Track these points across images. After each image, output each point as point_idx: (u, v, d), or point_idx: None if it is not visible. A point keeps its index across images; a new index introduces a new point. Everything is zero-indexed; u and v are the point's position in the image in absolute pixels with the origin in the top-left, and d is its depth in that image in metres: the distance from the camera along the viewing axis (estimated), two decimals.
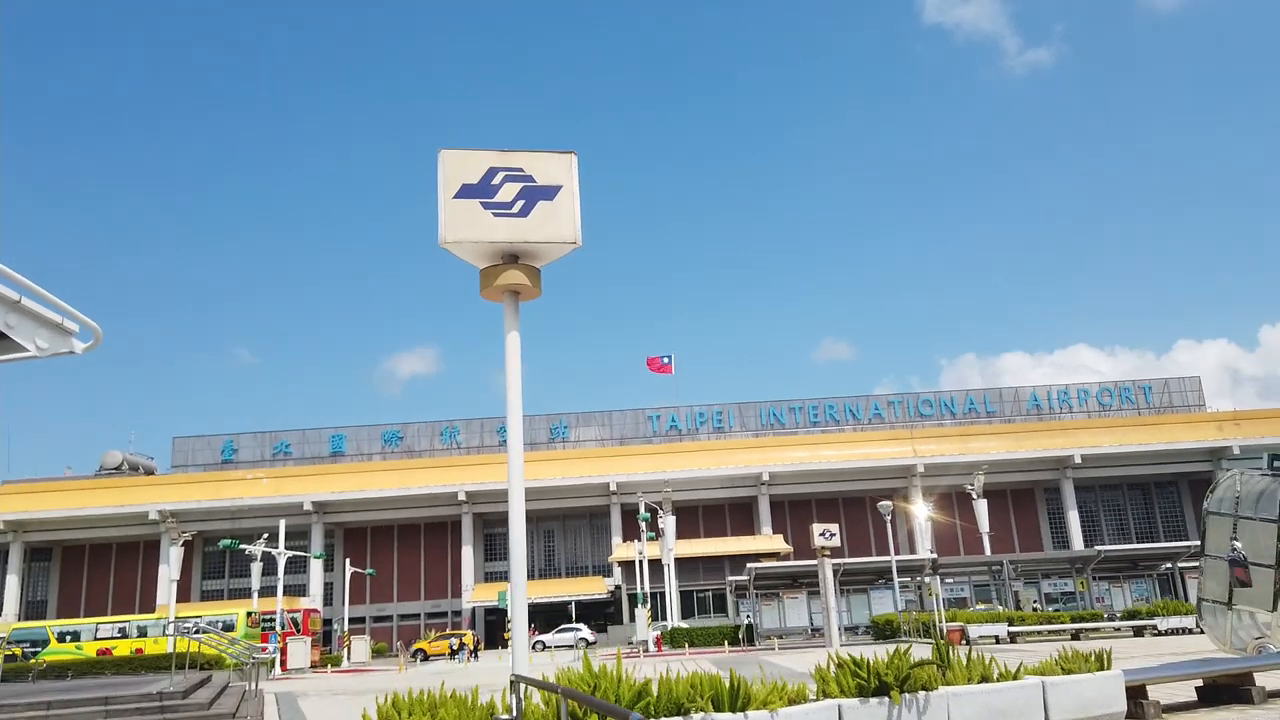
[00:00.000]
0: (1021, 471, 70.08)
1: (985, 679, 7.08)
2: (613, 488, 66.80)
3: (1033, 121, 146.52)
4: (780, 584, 44.89)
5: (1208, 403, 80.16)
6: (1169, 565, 45.00)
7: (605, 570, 68.56)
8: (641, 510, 49.00)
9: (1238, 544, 13.38)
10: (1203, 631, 22.61)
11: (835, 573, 35.26)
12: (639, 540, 51.51)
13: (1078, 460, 69.23)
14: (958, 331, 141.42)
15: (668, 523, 48.16)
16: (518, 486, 7.21)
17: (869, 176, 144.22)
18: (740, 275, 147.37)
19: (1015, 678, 7.16)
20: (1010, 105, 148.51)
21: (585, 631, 56.21)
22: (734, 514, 71.52)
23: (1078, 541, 68.39)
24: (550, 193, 7.20)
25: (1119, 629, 29.54)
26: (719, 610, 60.69)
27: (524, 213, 7.16)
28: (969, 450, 68.99)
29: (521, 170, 7.16)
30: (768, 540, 63.80)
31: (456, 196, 7.11)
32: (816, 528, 33.90)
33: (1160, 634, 25.68)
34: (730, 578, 50.99)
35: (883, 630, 34.00)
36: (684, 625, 49.03)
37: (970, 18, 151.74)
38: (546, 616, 64.62)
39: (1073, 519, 70.43)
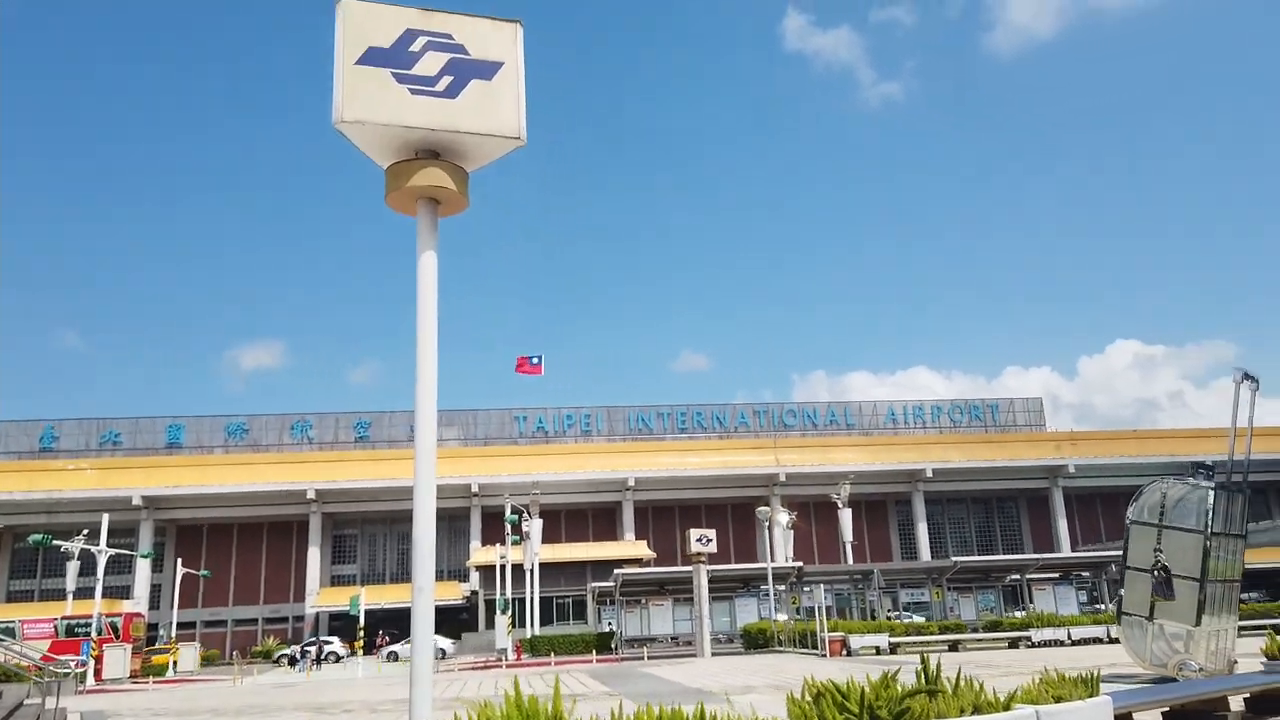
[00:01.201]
0: (877, 483, 71.84)
1: (978, 709, 5.89)
2: (475, 489, 64.35)
3: (884, 152, 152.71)
4: (647, 590, 43.89)
5: (1047, 423, 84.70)
6: (1016, 576, 46.60)
7: (462, 575, 65.92)
8: (508, 513, 47.02)
9: (1161, 555, 13.04)
10: (1102, 641, 22.85)
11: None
12: (500, 544, 49.42)
13: (929, 474, 71.58)
14: (809, 349, 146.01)
15: (533, 526, 46.40)
16: (426, 464, 5.57)
17: (723, 205, 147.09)
18: (605, 279, 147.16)
19: (1007, 708, 6.00)
20: (864, 135, 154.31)
21: (444, 642, 53.46)
22: (597, 519, 70.26)
23: (925, 553, 70.65)
24: (487, 70, 5.43)
25: (986, 640, 29.76)
26: (578, 617, 59.22)
27: (451, 92, 5.36)
28: (829, 461, 70.26)
29: (450, 38, 5.38)
30: (631, 546, 62.86)
31: (360, 62, 5.23)
32: (694, 533, 33.02)
33: (1034, 645, 25.98)
34: (593, 584, 49.65)
35: (755, 639, 33.37)
36: (542, 633, 47.28)
37: (829, 47, 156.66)
38: (396, 623, 61.48)
39: (922, 531, 72.76)
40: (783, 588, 41.05)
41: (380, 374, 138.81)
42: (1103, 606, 47.50)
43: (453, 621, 61.97)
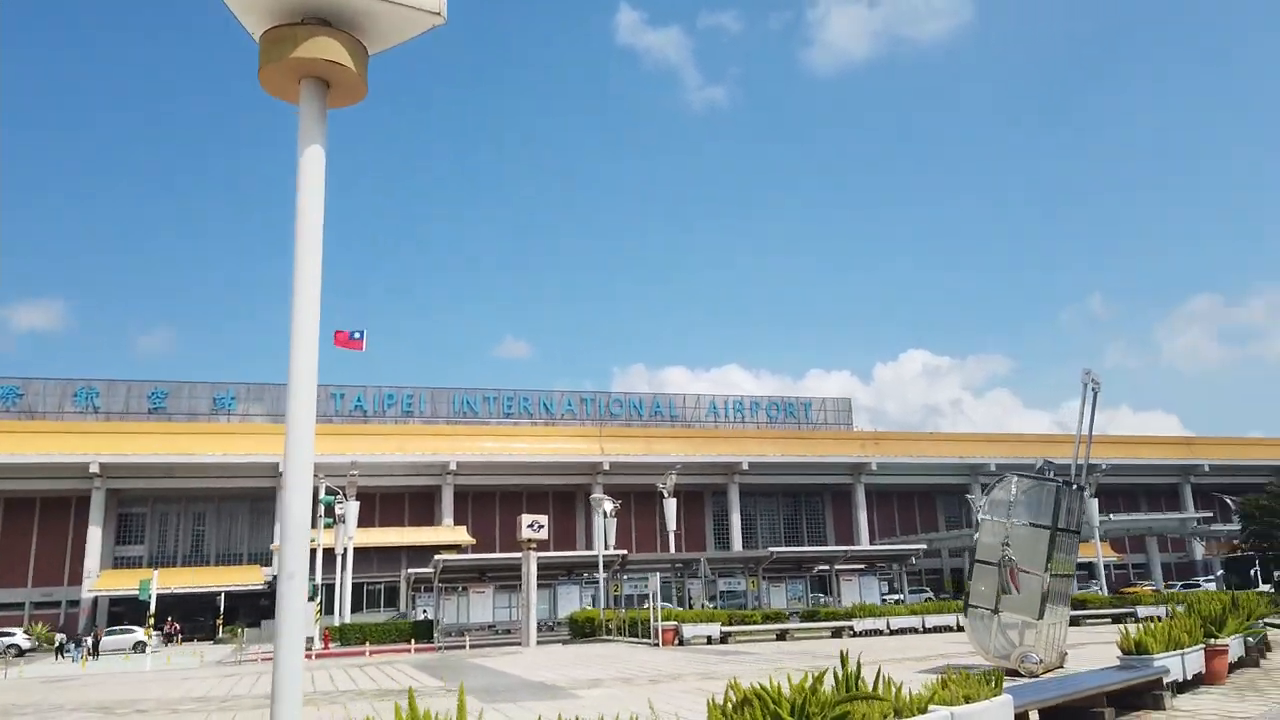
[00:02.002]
0: (696, 475, 73.44)
1: (899, 712, 5.69)
2: (283, 468, 60.66)
3: (710, 156, 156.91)
4: (467, 578, 42.72)
5: (854, 423, 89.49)
6: (825, 567, 48.78)
7: (265, 559, 62.08)
8: (322, 494, 44.50)
9: (1009, 549, 13.59)
10: (918, 630, 23.86)
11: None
12: (311, 527, 46.70)
13: (745, 467, 73.91)
14: (629, 343, 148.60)
15: (349, 509, 44.17)
16: (302, 431, 4.66)
17: (550, 199, 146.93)
18: (428, 260, 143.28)
19: (924, 710, 5.84)
20: (692, 135, 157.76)
21: (140, 633, 47.72)
22: (415, 503, 68.00)
23: (738, 543, 73.03)
24: None
25: (813, 630, 30.54)
26: (389, 604, 57.13)
27: None
28: (652, 451, 71.21)
29: None
30: (450, 531, 61.23)
31: None
32: (525, 518, 32.31)
33: (856, 635, 27.05)
34: (410, 570, 47.91)
35: (582, 628, 33.03)
36: (353, 620, 45.15)
37: (658, 45, 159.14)
38: (187, 610, 57.13)
39: (735, 521, 75.16)
40: (604, 576, 41.02)
41: (176, 342, 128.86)
42: (901, 597, 50.60)
43: (252, 608, 58.24)
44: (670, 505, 49.31)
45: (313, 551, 45.83)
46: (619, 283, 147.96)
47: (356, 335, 68.87)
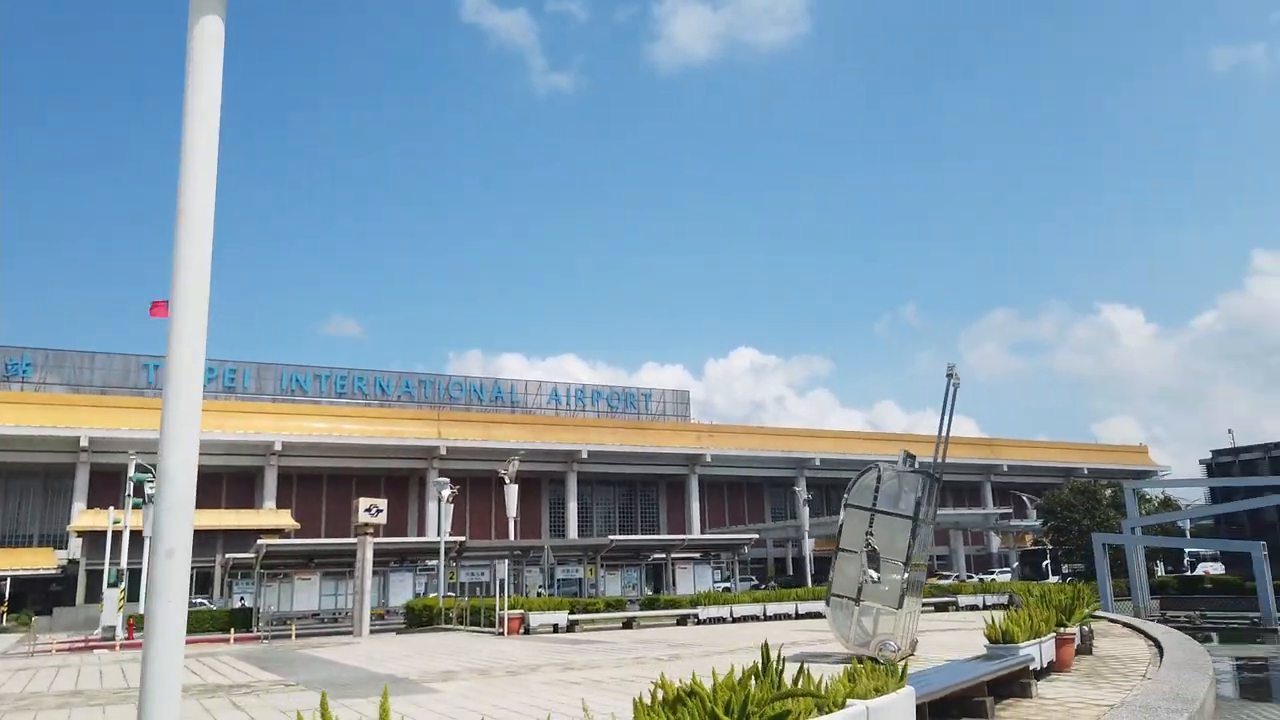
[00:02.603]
0: (535, 462, 72.81)
1: (820, 708, 5.50)
2: (84, 443, 55.53)
3: (553, 143, 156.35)
4: (293, 564, 40.45)
5: (691, 415, 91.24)
6: (662, 555, 49.35)
7: (59, 541, 56.65)
8: (131, 471, 40.91)
9: (873, 537, 13.83)
10: (759, 619, 24.22)
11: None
12: (114, 507, 42.93)
13: (585, 455, 73.91)
14: (465, 328, 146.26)
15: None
16: (186, 381, 3.87)
17: (385, 175, 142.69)
18: (253, 229, 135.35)
19: (842, 705, 5.67)
20: (540, 119, 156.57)
21: None
22: (234, 485, 63.88)
23: (574, 531, 72.99)
24: None
25: (660, 617, 30.55)
26: (201, 591, 53.42)
27: None
28: (492, 437, 70.02)
29: None
30: (274, 515, 57.85)
31: None
32: (363, 502, 30.79)
33: (701, 623, 27.28)
34: (228, 554, 44.90)
35: (419, 617, 31.76)
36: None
37: (504, 25, 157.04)
38: None
39: (572, 509, 75.13)
40: (443, 563, 39.83)
41: None
42: (732, 585, 51.89)
43: (41, 594, 53.03)
44: (512, 492, 48.46)
45: (117, 533, 42.14)
46: (455, 267, 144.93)
47: None
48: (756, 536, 55.25)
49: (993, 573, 70.94)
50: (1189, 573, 52.01)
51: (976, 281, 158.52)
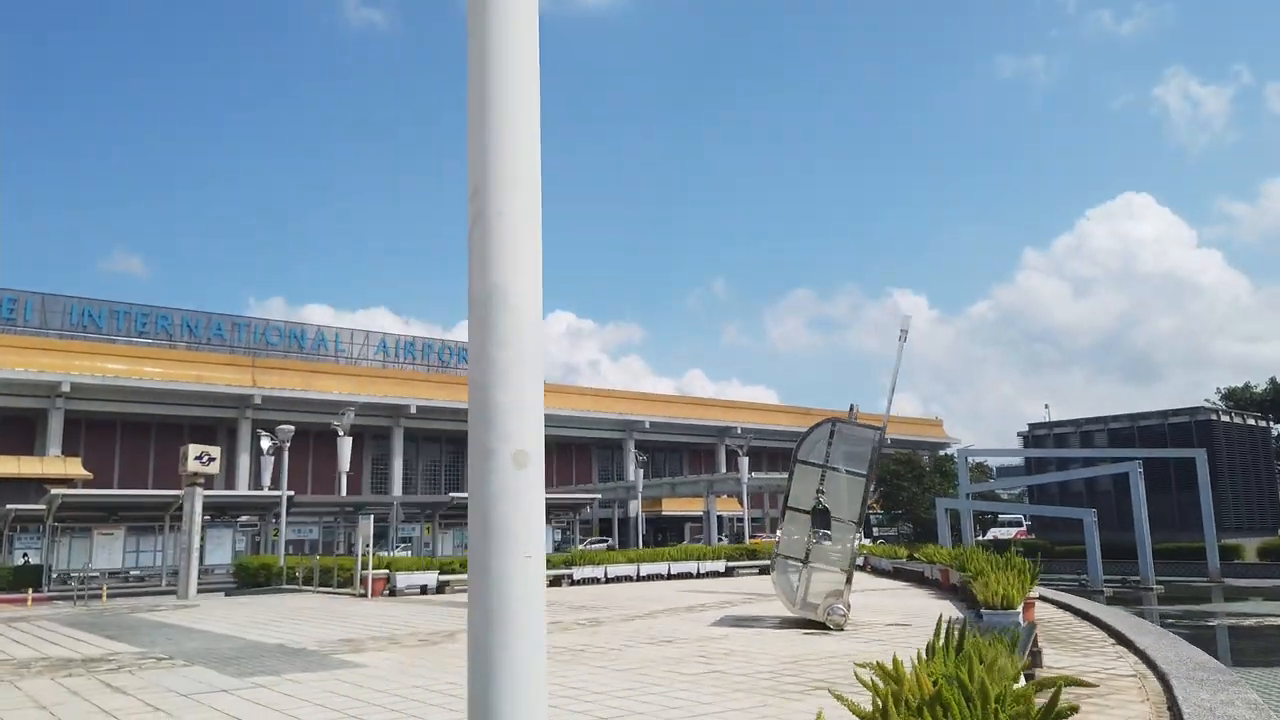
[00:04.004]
0: (360, 416, 68.77)
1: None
2: None
3: (361, 80, 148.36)
4: (94, 517, 36.19)
5: None
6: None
7: None
8: None
9: (823, 495, 13.20)
10: (633, 579, 23.40)
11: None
12: None
13: (414, 410, 70.86)
14: (267, 274, 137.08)
15: None
16: None
17: (177, 102, 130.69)
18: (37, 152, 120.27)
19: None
20: (339, 58, 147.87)
21: None
22: (10, 429, 56.47)
23: (398, 488, 70.01)
24: None
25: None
26: None
27: None
28: (314, 387, 65.72)
29: None
30: (59, 463, 51.49)
31: None
32: (193, 449, 27.48)
33: (576, 583, 26.18)
34: (10, 505, 39.58)
35: (254, 576, 28.84)
36: None
37: None
38: None
39: (397, 467, 72.06)
40: (275, 519, 36.76)
41: None
42: (573, 544, 51.22)
43: None
44: (345, 445, 45.56)
45: None
46: (257, 206, 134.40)
47: None
48: (600, 496, 54.92)
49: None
50: (983, 536, 56.20)
51: (782, 262, 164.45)
